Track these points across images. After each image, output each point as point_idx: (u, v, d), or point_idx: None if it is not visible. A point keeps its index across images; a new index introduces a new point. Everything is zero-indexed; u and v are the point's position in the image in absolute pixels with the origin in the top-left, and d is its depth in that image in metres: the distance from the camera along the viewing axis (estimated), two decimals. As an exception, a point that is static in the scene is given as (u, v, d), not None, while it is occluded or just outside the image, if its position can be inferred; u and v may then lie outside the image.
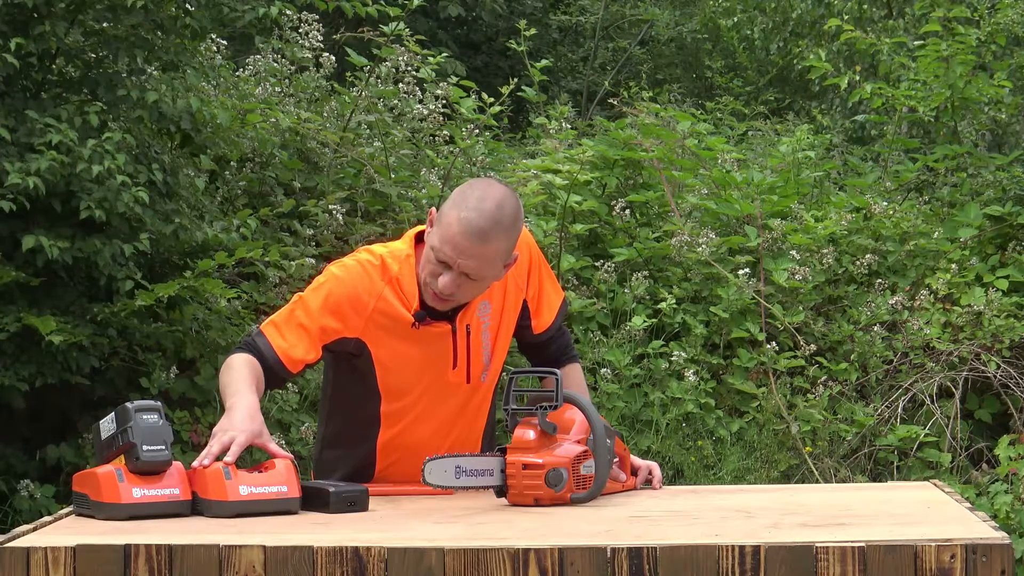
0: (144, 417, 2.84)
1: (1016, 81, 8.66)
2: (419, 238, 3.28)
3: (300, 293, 3.28)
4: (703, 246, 6.98)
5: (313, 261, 6.48)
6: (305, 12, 7.71)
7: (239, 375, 3.10)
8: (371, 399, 3.26)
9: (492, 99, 7.54)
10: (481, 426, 3.38)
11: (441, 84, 7.65)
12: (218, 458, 2.86)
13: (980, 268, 7.15)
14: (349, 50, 7.69)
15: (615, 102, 8.88)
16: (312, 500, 2.87)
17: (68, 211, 5.70)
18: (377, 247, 3.31)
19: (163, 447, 2.82)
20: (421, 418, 3.27)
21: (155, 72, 6.17)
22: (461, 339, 3.24)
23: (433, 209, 3.20)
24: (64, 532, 2.63)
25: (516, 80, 7.65)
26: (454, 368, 3.26)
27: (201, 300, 6.20)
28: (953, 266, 7.11)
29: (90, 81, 6.03)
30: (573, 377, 3.45)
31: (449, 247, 3.08)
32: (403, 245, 3.29)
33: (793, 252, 7.16)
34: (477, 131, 7.67)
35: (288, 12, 6.91)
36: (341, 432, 3.37)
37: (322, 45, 7.74)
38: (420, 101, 7.65)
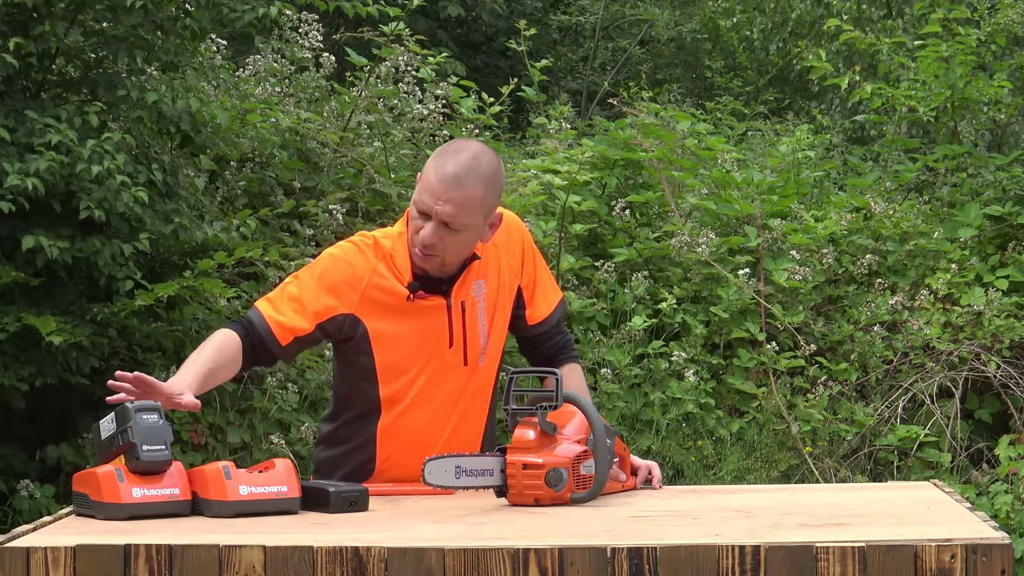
0: (144, 417, 2.84)
1: (1016, 81, 8.66)
2: None
3: (295, 272, 3.34)
4: (703, 246, 6.98)
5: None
6: (305, 12, 7.70)
7: (202, 356, 3.17)
8: (369, 382, 3.28)
9: (492, 99, 7.54)
10: (480, 423, 3.38)
11: (441, 84, 7.65)
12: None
13: (980, 268, 7.15)
14: (349, 50, 7.69)
15: (615, 102, 8.87)
16: (312, 500, 2.87)
17: (68, 211, 5.70)
18: (371, 231, 3.38)
19: (163, 447, 2.82)
20: (419, 400, 3.28)
21: (155, 72, 6.17)
22: (456, 315, 3.28)
23: (419, 174, 3.26)
24: (64, 532, 2.63)
25: (516, 80, 7.65)
26: (451, 347, 3.28)
27: (201, 300, 6.20)
28: (953, 266, 7.11)
29: (90, 81, 6.03)
30: (573, 377, 3.45)
31: (427, 194, 3.16)
32: (396, 225, 3.35)
33: (793, 252, 7.16)
34: (477, 131, 7.67)
35: (288, 12, 6.90)
36: (342, 426, 3.38)
37: (322, 45, 7.74)
38: (420, 101, 7.65)
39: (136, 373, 2.97)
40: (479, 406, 3.37)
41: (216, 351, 3.18)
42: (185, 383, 3.07)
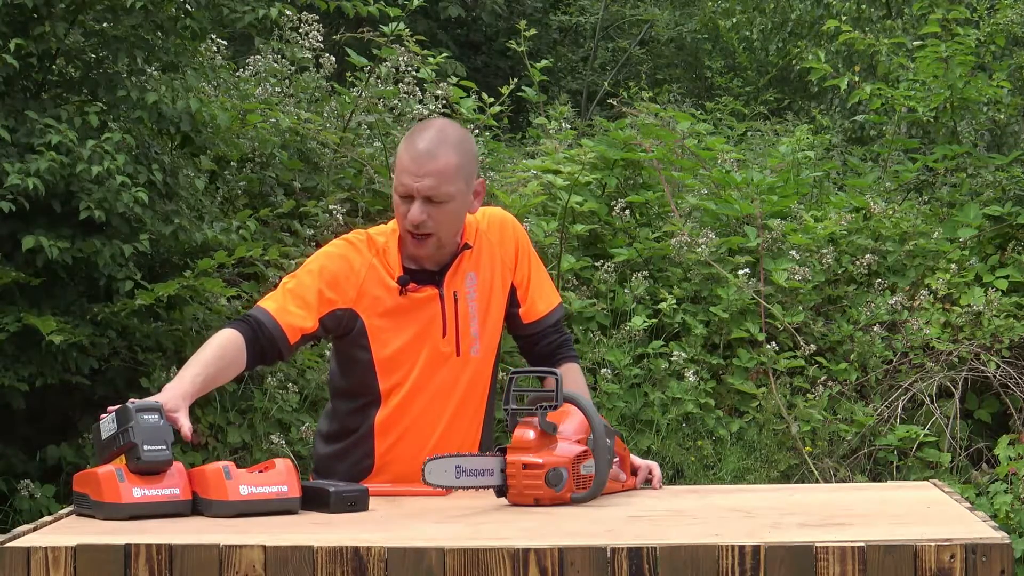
0: (145, 417, 2.84)
1: (1015, 81, 8.66)
2: None
3: (292, 273, 3.40)
4: (703, 246, 6.98)
5: (313, 261, 6.47)
6: (305, 12, 7.70)
7: (202, 360, 3.15)
8: (369, 375, 3.32)
9: (492, 99, 7.54)
10: (477, 419, 3.40)
11: (441, 84, 7.65)
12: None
13: (980, 268, 7.16)
14: (349, 50, 7.69)
15: (615, 102, 8.87)
16: (312, 500, 2.87)
17: (68, 211, 5.70)
18: (364, 229, 3.44)
19: (164, 447, 2.82)
20: (415, 391, 3.31)
21: (155, 73, 6.17)
22: (449, 305, 3.33)
23: (392, 162, 3.35)
24: (64, 532, 2.63)
25: (516, 80, 7.65)
26: (444, 336, 3.32)
27: (201, 300, 6.20)
28: (953, 266, 7.11)
29: (90, 81, 6.03)
30: (571, 376, 3.46)
31: (405, 176, 3.24)
32: (390, 223, 3.41)
33: (793, 252, 7.16)
34: (477, 131, 7.67)
35: (288, 12, 6.91)
36: (340, 422, 3.41)
37: (322, 45, 7.74)
38: (420, 101, 7.64)
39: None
40: (475, 401, 3.39)
41: (217, 355, 3.18)
42: (180, 393, 3.05)
